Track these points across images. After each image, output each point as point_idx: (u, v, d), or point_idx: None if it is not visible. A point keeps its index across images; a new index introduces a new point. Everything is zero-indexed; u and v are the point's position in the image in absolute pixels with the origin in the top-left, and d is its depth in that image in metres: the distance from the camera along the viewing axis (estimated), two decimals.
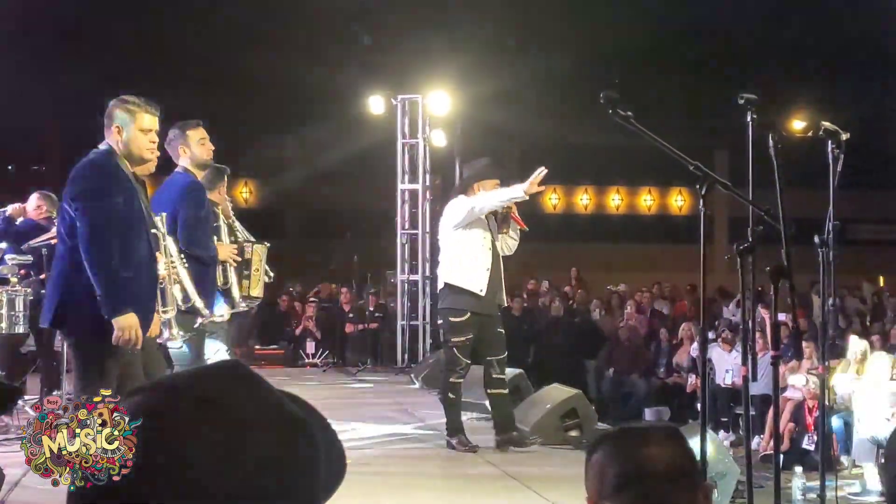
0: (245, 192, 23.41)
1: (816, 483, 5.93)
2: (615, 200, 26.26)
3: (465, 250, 7.68)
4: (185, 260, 5.85)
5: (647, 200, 26.36)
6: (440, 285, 7.88)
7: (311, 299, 16.91)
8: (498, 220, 7.83)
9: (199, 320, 6.10)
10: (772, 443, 6.75)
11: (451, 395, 7.89)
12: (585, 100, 7.35)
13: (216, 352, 6.70)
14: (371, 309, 16.21)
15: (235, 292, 6.73)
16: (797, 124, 18.03)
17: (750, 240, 5.02)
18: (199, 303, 5.91)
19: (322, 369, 14.78)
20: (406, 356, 14.57)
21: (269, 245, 7.29)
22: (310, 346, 15.85)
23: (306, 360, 15.63)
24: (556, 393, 8.65)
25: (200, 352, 6.30)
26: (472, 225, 7.68)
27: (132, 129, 5.02)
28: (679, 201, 26.12)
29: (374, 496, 5.53)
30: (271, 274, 7.45)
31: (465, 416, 9.53)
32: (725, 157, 21.03)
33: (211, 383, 1.06)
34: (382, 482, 6.09)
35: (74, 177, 5.02)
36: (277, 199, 22.93)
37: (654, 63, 17.77)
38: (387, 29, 15.98)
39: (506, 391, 7.92)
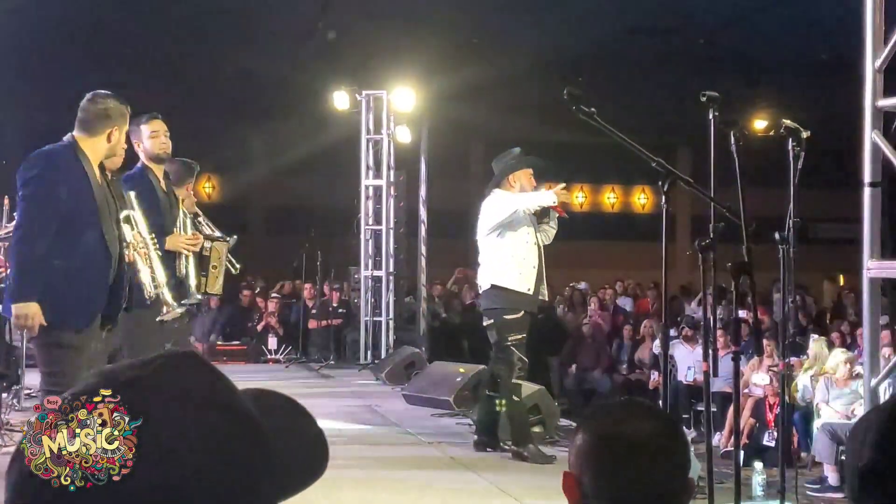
0: (208, 187, 23.27)
1: (777, 478, 5.98)
2: (579, 198, 26.35)
3: (513, 251, 7.45)
4: (156, 244, 5.92)
5: (610, 198, 26.47)
6: (484, 286, 7.59)
7: (274, 295, 16.83)
8: (537, 213, 7.62)
9: (164, 310, 6.09)
10: (732, 438, 6.81)
11: (516, 399, 7.56)
12: (550, 97, 7.36)
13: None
14: (334, 305, 16.17)
15: (192, 284, 6.68)
16: (759, 123, 18.19)
17: (711, 237, 5.06)
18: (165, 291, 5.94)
19: (284, 365, 14.72)
20: (369, 353, 14.54)
21: (229, 240, 7.23)
22: (272, 342, 15.78)
23: (268, 356, 15.56)
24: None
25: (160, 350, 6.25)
26: (516, 222, 7.46)
27: (119, 137, 5.27)
28: (642, 199, 26.26)
29: (336, 492, 5.51)
30: (237, 266, 7.42)
31: (429, 412, 9.57)
32: (688, 155, 21.18)
33: (155, 366, 1.06)
34: (345, 478, 6.07)
35: (21, 167, 5.13)
36: (241, 195, 22.81)
37: (618, 60, 17.83)
38: (351, 24, 15.91)
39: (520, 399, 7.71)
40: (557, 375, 15.55)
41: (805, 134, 5.65)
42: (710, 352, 5.14)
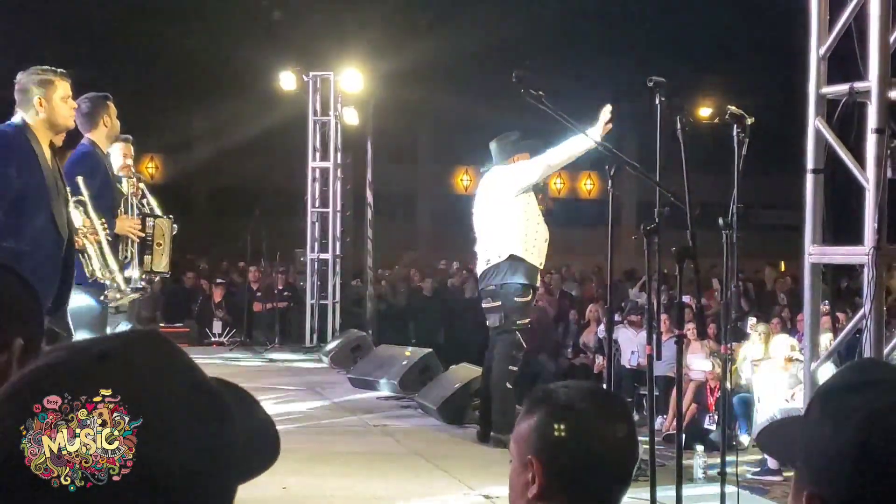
0: (151, 168, 23.01)
1: (717, 461, 6.05)
2: None
3: (530, 219, 7.04)
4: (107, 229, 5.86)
5: (557, 183, 26.59)
6: (497, 258, 7.00)
7: (219, 280, 16.66)
8: (541, 191, 7.33)
9: (106, 294, 6.03)
10: (675, 422, 6.86)
11: (509, 386, 7.17)
12: (497, 79, 7.35)
13: (117, 326, 6.59)
14: (280, 287, 16.07)
15: (134, 270, 6.60)
16: (704, 110, 18.36)
17: (656, 221, 5.09)
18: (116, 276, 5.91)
19: (229, 348, 14.61)
20: (315, 336, 14.48)
21: (172, 218, 7.16)
22: (216, 326, 15.65)
23: (212, 339, 15.44)
24: (465, 372, 8.68)
25: (103, 328, 6.21)
26: (528, 194, 7.08)
27: (54, 99, 5.11)
28: (588, 185, 26.42)
29: (278, 475, 5.48)
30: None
31: (374, 395, 9.56)
32: (635, 139, 21.34)
33: (115, 343, 1.05)
34: (288, 460, 6.04)
35: None
36: (184, 175, 22.60)
37: (565, 45, 17.90)
38: (298, 4, 15.80)
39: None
40: None
41: (749, 120, 5.69)
42: (654, 336, 5.18)
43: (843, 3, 5.57)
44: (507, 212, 7.07)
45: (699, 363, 11.69)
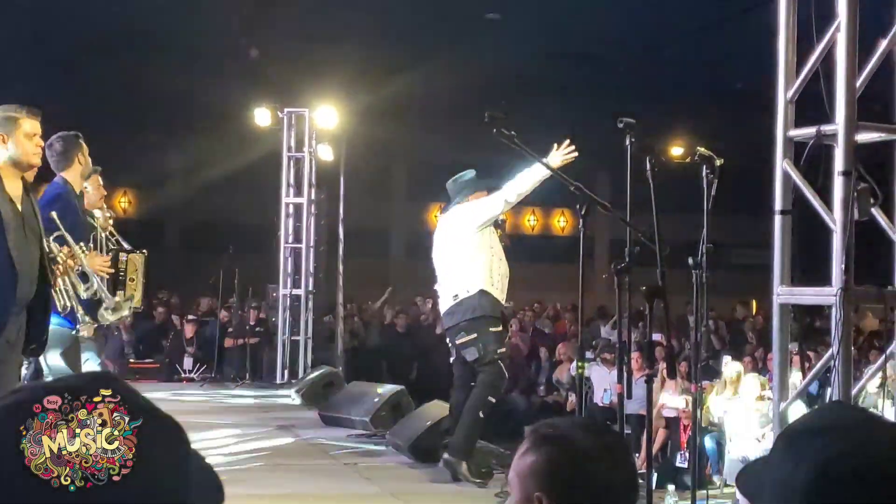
0: (124, 202, 22.92)
1: (688, 502, 6.06)
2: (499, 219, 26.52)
3: (494, 254, 7.13)
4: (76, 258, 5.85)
5: (530, 220, 26.67)
6: (466, 293, 7.00)
7: (190, 317, 16.55)
8: (500, 227, 7.38)
9: (76, 328, 6.01)
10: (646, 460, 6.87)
11: (482, 416, 7.13)
12: (471, 119, 7.39)
13: (85, 361, 6.55)
14: (252, 323, 16.00)
15: (106, 304, 6.57)
16: (674, 150, 18.53)
17: (627, 260, 5.14)
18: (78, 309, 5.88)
19: (199, 384, 14.51)
20: (286, 372, 14.42)
21: (145, 252, 7.14)
22: (187, 362, 15.55)
23: (183, 375, 15.33)
24: (437, 409, 8.65)
25: (76, 364, 6.18)
26: (490, 230, 7.19)
27: (18, 136, 5.06)
28: (562, 222, 26.51)
29: None
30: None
31: (346, 433, 9.52)
32: (607, 178, 21.46)
33: (74, 382, 1.06)
34: (260, 498, 6.00)
35: None
36: (158, 210, 22.50)
37: (538, 85, 18.04)
38: (274, 41, 15.86)
39: None
40: None
41: (718, 162, 5.78)
42: (625, 374, 5.21)
43: (810, 47, 5.67)
44: (472, 247, 7.11)
45: (671, 401, 11.72)
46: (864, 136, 5.61)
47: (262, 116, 14.98)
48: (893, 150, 5.95)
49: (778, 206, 5.81)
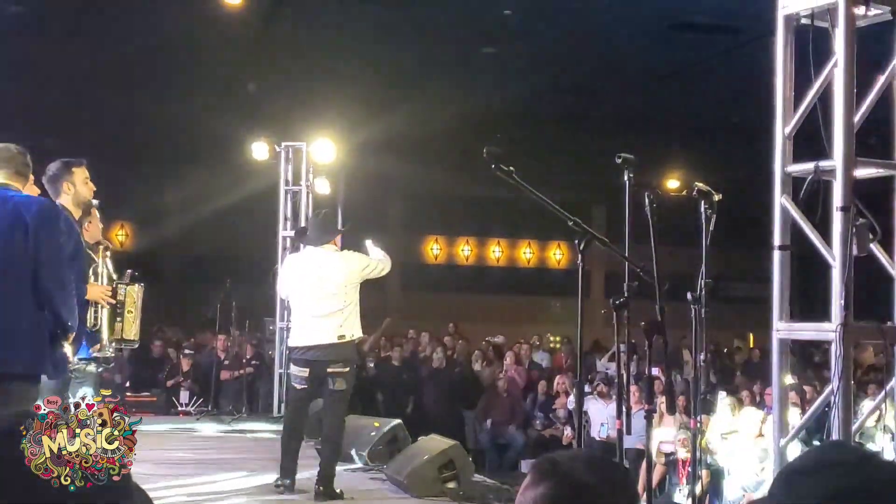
0: (121, 235, 22.91)
1: None
2: (495, 252, 26.52)
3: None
4: None
5: (526, 253, 26.68)
6: (351, 336, 8.12)
7: (187, 351, 16.49)
8: None
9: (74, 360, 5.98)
10: (645, 495, 6.84)
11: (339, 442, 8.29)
12: (467, 152, 7.43)
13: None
14: (248, 356, 15.95)
15: (105, 335, 6.54)
16: (672, 184, 18.58)
17: (625, 295, 5.13)
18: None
19: (196, 417, 14.44)
20: (282, 405, 14.34)
21: (143, 285, 7.11)
22: (184, 395, 15.48)
23: (179, 409, 15.25)
24: (434, 444, 8.63)
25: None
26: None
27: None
28: (558, 255, 26.52)
29: None
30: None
31: (342, 467, 9.47)
32: (603, 213, 21.50)
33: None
34: None
35: None
36: (155, 244, 22.48)
37: (535, 119, 18.11)
38: (271, 75, 15.92)
39: None
40: (472, 430, 15.53)
41: (717, 197, 5.78)
42: (624, 409, 5.19)
43: (807, 83, 5.69)
44: (351, 295, 8.13)
45: (670, 435, 11.67)
46: (862, 172, 5.63)
47: (259, 150, 15.01)
48: (892, 185, 5.96)
49: (777, 241, 5.81)
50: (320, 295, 8.06)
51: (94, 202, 7.01)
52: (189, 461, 9.55)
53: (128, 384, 15.56)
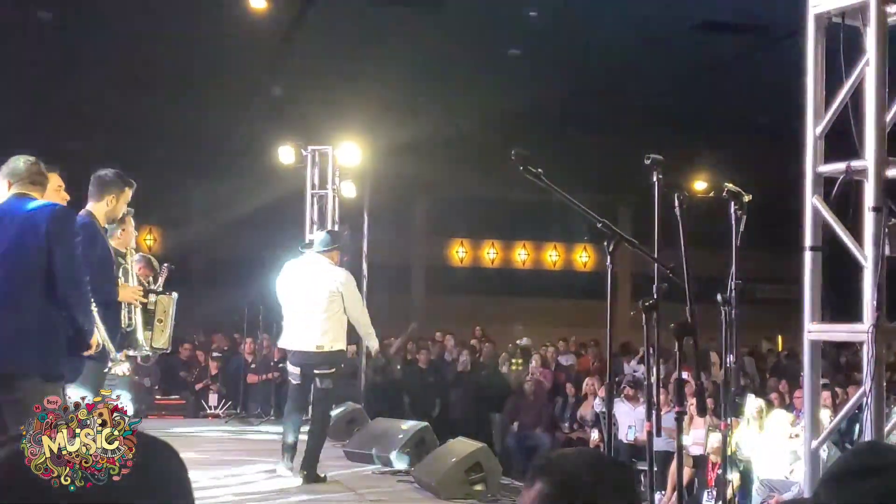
0: (150, 240, 23.04)
1: None
2: (522, 255, 26.50)
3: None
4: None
5: (552, 256, 26.64)
6: (329, 348, 8.71)
7: (215, 354, 16.56)
8: None
9: (109, 365, 6.05)
10: (674, 498, 6.81)
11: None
12: (494, 155, 7.42)
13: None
14: (275, 360, 15.99)
15: (140, 336, 6.59)
16: (700, 185, 18.49)
17: (655, 297, 5.10)
18: (108, 345, 5.89)
19: (224, 420, 14.51)
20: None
21: (174, 295, 7.16)
22: (212, 398, 15.56)
23: (208, 412, 15.33)
24: (461, 446, 8.62)
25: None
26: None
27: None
28: (584, 257, 26.46)
29: None
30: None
31: (370, 469, 9.49)
32: (628, 214, 21.43)
33: None
34: None
35: None
36: (183, 248, 22.59)
37: (562, 120, 18.08)
38: (298, 80, 15.97)
39: None
40: (499, 432, 15.50)
41: (747, 198, 5.74)
42: (654, 412, 5.16)
43: (839, 82, 5.64)
44: (340, 308, 8.78)
45: (699, 437, 11.61)
46: (894, 172, 5.57)
47: (286, 154, 15.04)
48: None
49: (808, 242, 5.76)
50: (308, 301, 8.70)
51: (130, 210, 7.09)
52: (224, 462, 9.58)
53: (157, 387, 15.65)
